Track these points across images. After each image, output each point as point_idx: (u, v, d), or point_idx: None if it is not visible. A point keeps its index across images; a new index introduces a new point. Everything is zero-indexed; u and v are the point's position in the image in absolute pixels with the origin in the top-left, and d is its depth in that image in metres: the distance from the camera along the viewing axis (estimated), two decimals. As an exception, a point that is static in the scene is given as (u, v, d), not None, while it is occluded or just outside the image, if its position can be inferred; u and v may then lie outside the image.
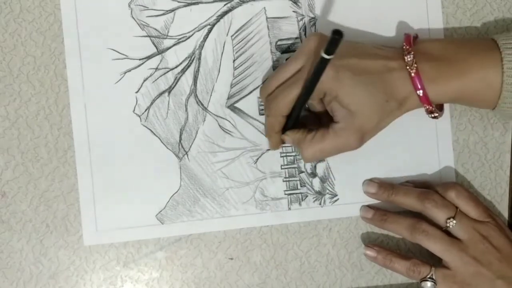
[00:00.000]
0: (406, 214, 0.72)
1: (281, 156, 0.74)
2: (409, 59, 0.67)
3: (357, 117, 0.66)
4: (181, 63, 0.73)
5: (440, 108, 0.70)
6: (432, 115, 0.69)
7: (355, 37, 0.72)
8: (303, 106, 0.68)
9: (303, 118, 0.71)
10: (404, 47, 0.68)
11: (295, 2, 0.74)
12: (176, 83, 0.73)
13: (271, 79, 0.70)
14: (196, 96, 0.73)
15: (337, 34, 0.59)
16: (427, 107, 0.68)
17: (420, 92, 0.67)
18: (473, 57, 0.67)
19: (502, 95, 0.67)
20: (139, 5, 0.73)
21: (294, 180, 0.74)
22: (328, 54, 0.61)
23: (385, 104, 0.67)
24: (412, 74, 0.66)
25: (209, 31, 0.73)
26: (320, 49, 0.62)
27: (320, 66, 0.63)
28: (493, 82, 0.67)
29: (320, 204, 0.74)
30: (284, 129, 0.71)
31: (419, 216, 0.71)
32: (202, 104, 0.74)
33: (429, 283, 0.69)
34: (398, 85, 0.67)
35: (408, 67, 0.66)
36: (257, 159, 0.74)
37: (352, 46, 0.69)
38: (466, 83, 0.67)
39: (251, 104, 0.74)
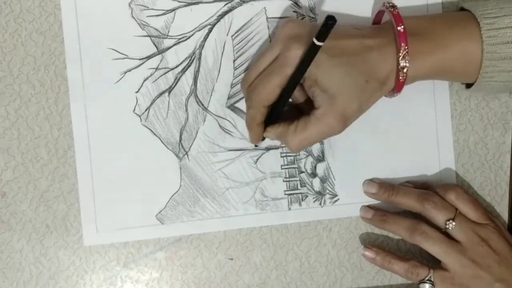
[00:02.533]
0: (406, 215, 0.72)
1: (281, 156, 0.74)
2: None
3: (337, 100, 0.65)
4: (181, 63, 0.73)
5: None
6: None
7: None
8: (290, 95, 0.67)
9: (282, 113, 0.70)
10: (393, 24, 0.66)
11: (295, 2, 0.74)
12: (176, 83, 0.73)
13: (250, 69, 0.69)
14: (196, 96, 0.73)
15: (331, 19, 0.59)
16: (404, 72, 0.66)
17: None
18: (450, 30, 0.67)
19: (483, 64, 0.66)
20: (139, 4, 0.73)
21: (294, 180, 0.74)
22: (319, 41, 0.61)
23: (365, 85, 0.65)
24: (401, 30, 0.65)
25: (210, 31, 0.73)
26: (296, 34, 0.62)
27: (311, 53, 0.62)
28: (473, 53, 0.66)
29: (320, 204, 0.74)
30: (269, 121, 0.70)
31: (419, 217, 0.71)
32: (202, 104, 0.73)
33: (427, 285, 0.69)
34: (379, 64, 0.66)
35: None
36: (257, 159, 0.74)
37: None
38: (446, 57, 0.66)
39: (251, 104, 0.74)
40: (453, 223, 0.69)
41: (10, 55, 0.72)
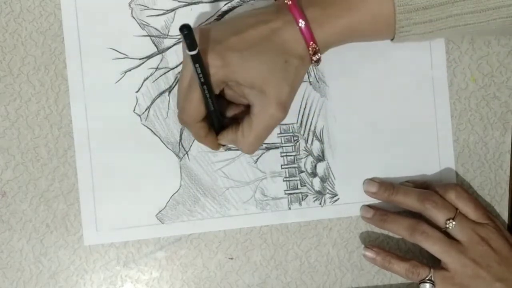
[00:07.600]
0: (406, 214, 0.72)
1: (281, 156, 0.74)
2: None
3: (267, 91, 0.63)
4: (181, 63, 0.73)
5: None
6: (317, 57, 0.65)
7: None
8: (214, 104, 0.65)
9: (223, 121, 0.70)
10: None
11: (295, 2, 0.74)
12: (177, 82, 0.73)
13: (177, 93, 0.68)
14: (196, 95, 0.73)
15: (185, 29, 0.58)
16: (313, 45, 0.64)
17: (302, 24, 0.63)
18: None
19: (397, 19, 0.64)
20: (140, 4, 0.73)
21: (294, 179, 0.74)
22: (191, 50, 0.60)
23: (286, 65, 0.64)
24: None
25: (210, 30, 0.73)
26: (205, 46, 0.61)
27: (196, 63, 0.61)
28: (383, 11, 0.64)
29: (320, 204, 0.74)
30: (216, 127, 0.69)
31: (419, 217, 0.71)
32: (202, 104, 0.73)
33: (427, 285, 0.69)
34: (290, 42, 0.64)
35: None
36: (257, 158, 0.74)
37: (227, 24, 0.67)
38: (354, 19, 0.64)
39: (251, 104, 0.74)
40: (453, 223, 0.69)
41: (10, 55, 0.72)
